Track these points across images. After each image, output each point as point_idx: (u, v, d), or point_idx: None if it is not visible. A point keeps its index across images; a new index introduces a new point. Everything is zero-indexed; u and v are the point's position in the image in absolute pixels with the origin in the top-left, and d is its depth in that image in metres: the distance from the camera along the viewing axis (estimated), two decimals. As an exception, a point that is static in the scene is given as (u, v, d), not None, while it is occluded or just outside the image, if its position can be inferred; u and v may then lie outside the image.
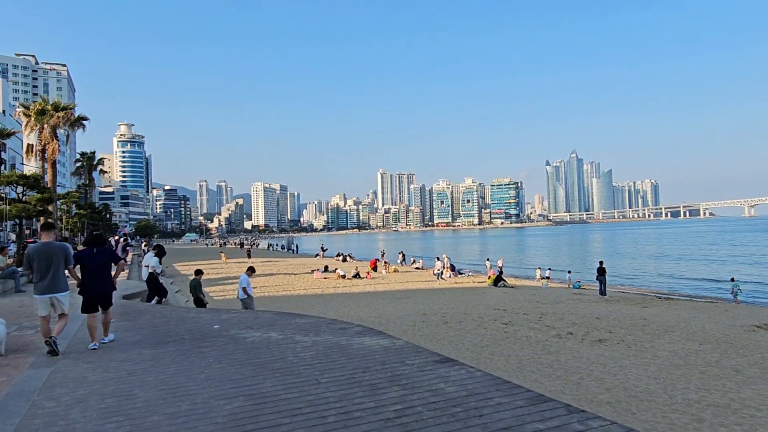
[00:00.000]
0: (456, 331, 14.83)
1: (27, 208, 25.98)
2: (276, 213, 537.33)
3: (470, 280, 34.17)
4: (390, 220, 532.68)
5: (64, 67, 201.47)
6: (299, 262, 51.18)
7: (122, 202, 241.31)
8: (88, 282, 7.95)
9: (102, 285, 8.03)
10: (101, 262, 8.03)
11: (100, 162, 68.86)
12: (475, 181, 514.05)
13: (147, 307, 11.96)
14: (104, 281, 8.08)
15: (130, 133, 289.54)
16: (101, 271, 8.04)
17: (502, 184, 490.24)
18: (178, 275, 36.45)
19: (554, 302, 22.16)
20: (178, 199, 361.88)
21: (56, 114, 33.02)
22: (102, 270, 8.05)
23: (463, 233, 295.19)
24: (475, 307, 20.41)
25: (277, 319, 9.57)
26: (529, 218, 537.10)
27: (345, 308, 20.15)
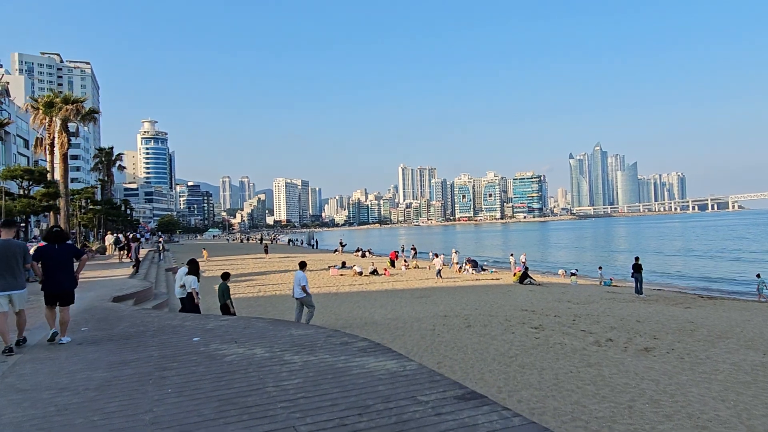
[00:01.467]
0: (480, 337, 13.27)
1: (32, 204, 25.17)
2: (298, 208, 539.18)
3: (493, 277, 32.44)
4: (411, 214, 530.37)
5: (88, 65, 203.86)
6: (317, 258, 49.96)
7: (146, 198, 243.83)
8: (49, 277, 7.90)
9: (63, 281, 7.96)
10: (62, 258, 8.01)
11: (119, 157, 68.44)
12: (497, 175, 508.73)
13: (129, 313, 10.65)
14: (65, 277, 8.00)
15: (153, 130, 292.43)
16: (62, 267, 7.99)
17: (525, 178, 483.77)
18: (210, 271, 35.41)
19: (587, 302, 20.40)
20: (201, 195, 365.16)
21: (65, 106, 32.21)
22: (63, 266, 8.01)
23: (485, 227, 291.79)
24: (501, 307, 18.79)
25: (269, 330, 8.13)
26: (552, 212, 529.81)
27: (359, 309, 18.71)
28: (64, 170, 33.92)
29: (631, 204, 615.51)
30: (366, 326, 15.29)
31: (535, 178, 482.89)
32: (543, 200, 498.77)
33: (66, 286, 7.98)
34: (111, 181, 66.56)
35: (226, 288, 13.21)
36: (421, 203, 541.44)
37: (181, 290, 12.79)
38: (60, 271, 7.97)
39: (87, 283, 17.66)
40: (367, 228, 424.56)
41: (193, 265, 12.98)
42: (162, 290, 20.21)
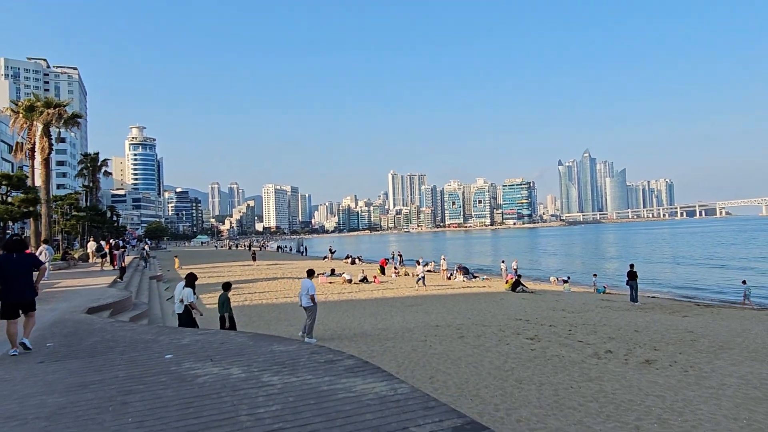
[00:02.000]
0: (474, 348, 12.70)
1: (10, 210, 24.31)
2: (287, 215, 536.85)
3: (485, 284, 31.94)
4: (401, 221, 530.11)
5: (75, 71, 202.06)
6: (306, 265, 49.11)
7: (134, 205, 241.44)
8: (7, 288, 7.80)
9: (22, 291, 7.91)
10: (21, 268, 7.93)
11: (104, 163, 67.38)
12: (486, 182, 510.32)
13: (102, 326, 9.97)
14: (24, 287, 7.95)
15: (141, 136, 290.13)
16: (21, 277, 7.91)
17: (514, 185, 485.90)
18: (177, 279, 34.56)
19: (582, 311, 19.93)
20: (189, 201, 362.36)
21: (46, 110, 31.35)
22: (22, 275, 7.93)
23: (475, 234, 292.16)
24: (494, 316, 18.26)
25: (249, 346, 7.51)
26: (541, 218, 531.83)
27: (348, 318, 18.09)
28: (46, 176, 33.00)
29: (620, 210, 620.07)
30: (355, 337, 14.68)
31: (524, 184, 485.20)
32: (532, 207, 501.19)
33: (26, 296, 7.97)
34: (96, 187, 65.41)
35: (226, 299, 12.61)
36: (411, 210, 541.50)
37: (180, 305, 12.31)
38: (19, 281, 7.90)
39: (63, 293, 16.91)
40: (357, 234, 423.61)
41: (190, 278, 12.50)
42: (143, 300, 19.46)
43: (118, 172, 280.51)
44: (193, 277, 12.60)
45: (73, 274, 25.37)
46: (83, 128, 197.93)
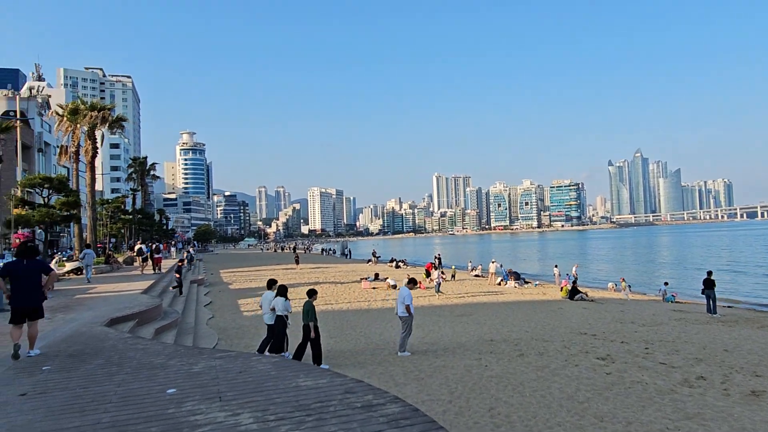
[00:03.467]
0: (537, 371, 10.98)
1: (51, 213, 24.12)
2: (332, 217, 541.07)
3: (538, 291, 29.85)
4: (446, 223, 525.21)
5: (129, 79, 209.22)
6: (349, 269, 48.11)
7: (185, 209, 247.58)
8: (17, 293, 7.90)
9: (31, 297, 7.95)
10: (30, 274, 7.98)
11: (152, 167, 68.50)
12: (533, 183, 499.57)
13: (114, 343, 8.83)
14: (33, 293, 8.00)
15: (192, 141, 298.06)
16: (30, 283, 7.97)
17: (562, 186, 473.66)
18: (219, 284, 33.98)
19: (654, 323, 17.77)
20: (237, 204, 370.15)
21: (90, 113, 31.43)
22: (31, 282, 7.99)
23: (521, 236, 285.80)
24: (555, 329, 16.39)
25: (270, 378, 6.13)
26: (591, 221, 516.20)
27: (392, 330, 16.58)
28: (91, 179, 33.10)
29: (674, 212, 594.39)
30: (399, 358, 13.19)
31: (572, 185, 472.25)
32: (581, 208, 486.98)
33: (34, 302, 7.98)
34: (145, 191, 66.46)
35: (311, 307, 11.46)
36: (455, 212, 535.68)
37: (271, 314, 11.66)
38: (29, 287, 7.96)
39: (93, 299, 16.14)
40: (401, 237, 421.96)
41: (281, 287, 11.91)
42: (178, 307, 18.56)
43: (170, 177, 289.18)
44: (283, 286, 12.01)
45: (112, 278, 24.94)
46: (136, 134, 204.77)
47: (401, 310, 12.67)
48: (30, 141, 66.13)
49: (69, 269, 27.10)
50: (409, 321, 12.70)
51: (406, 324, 12.67)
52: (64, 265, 27.57)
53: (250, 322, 18.21)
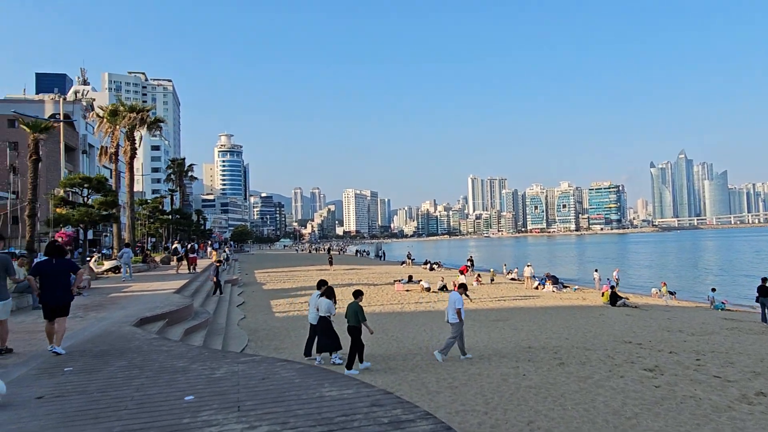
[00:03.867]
0: (579, 382, 10.33)
1: (90, 212, 24.57)
2: (367, 219, 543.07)
3: (578, 296, 28.84)
4: (481, 225, 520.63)
5: (170, 83, 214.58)
6: (383, 271, 47.77)
7: (222, 209, 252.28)
8: (45, 291, 8.19)
9: (59, 294, 8.22)
10: (59, 272, 8.29)
11: (190, 168, 69.84)
12: (571, 185, 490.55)
13: (140, 344, 8.66)
14: (61, 291, 8.27)
15: (229, 143, 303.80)
16: (58, 281, 8.26)
17: (602, 188, 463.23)
18: (253, 284, 34.11)
19: (704, 332, 16.75)
20: (273, 205, 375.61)
21: (129, 115, 32.05)
22: (59, 280, 8.27)
23: (558, 240, 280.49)
24: (597, 337, 15.60)
25: (293, 386, 5.76)
26: (631, 224, 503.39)
27: (425, 333, 16.12)
28: (130, 179, 33.73)
29: (720, 215, 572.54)
30: (433, 358, 12.71)
31: (612, 187, 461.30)
32: (622, 211, 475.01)
33: (62, 300, 8.25)
34: (182, 191, 67.74)
35: (358, 308, 11.23)
36: (491, 214, 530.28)
37: (315, 315, 11.59)
38: (56, 286, 8.24)
39: (126, 299, 16.21)
40: (436, 239, 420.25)
41: (328, 288, 11.80)
42: (210, 307, 18.52)
43: (208, 178, 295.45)
44: (330, 287, 11.89)
45: (148, 278, 25.22)
46: (176, 136, 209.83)
47: (452, 316, 12.36)
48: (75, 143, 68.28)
49: (107, 268, 27.58)
50: (458, 327, 12.35)
51: (455, 330, 12.37)
52: (103, 263, 28.08)
53: (281, 323, 18.02)
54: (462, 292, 13.09)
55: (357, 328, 11.10)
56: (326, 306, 11.41)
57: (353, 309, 11.24)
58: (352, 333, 11.13)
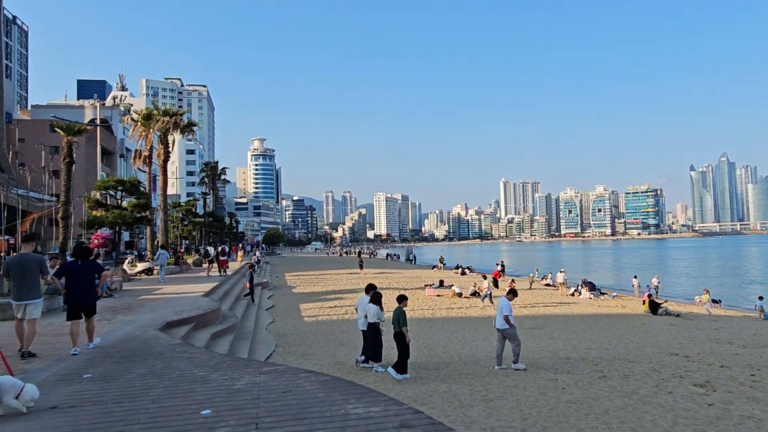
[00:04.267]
0: (624, 398, 9.65)
1: (123, 215, 24.86)
2: (397, 223, 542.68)
3: (617, 304, 27.76)
4: (513, 230, 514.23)
5: (205, 88, 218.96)
6: (414, 275, 47.23)
7: (255, 212, 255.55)
8: (70, 291, 8.44)
9: (84, 294, 8.45)
10: (84, 273, 8.54)
11: (223, 171, 70.79)
12: (607, 189, 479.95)
13: (162, 350, 8.42)
14: (86, 291, 8.51)
15: (262, 147, 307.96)
16: (84, 282, 8.49)
17: (639, 192, 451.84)
18: (283, 287, 34.05)
19: (757, 345, 15.72)
20: (305, 209, 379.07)
21: (162, 118, 32.45)
22: (84, 280, 8.50)
23: (593, 244, 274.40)
24: (640, 348, 14.77)
25: (316, 401, 5.35)
26: (670, 229, 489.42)
27: (457, 341, 15.58)
28: (164, 182, 34.12)
29: (765, 220, 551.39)
30: (465, 367, 12.19)
31: (650, 191, 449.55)
32: (660, 216, 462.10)
33: (87, 300, 8.50)
34: (215, 194, 68.67)
35: (401, 313, 11.10)
36: (523, 218, 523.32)
37: (364, 321, 11.63)
38: (81, 286, 8.47)
39: (155, 301, 16.16)
40: (467, 243, 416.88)
41: (375, 293, 11.75)
42: (238, 311, 18.37)
43: (241, 182, 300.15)
44: (378, 292, 11.86)
45: (179, 280, 25.32)
46: (210, 141, 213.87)
47: (500, 322, 12.02)
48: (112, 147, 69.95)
49: (140, 269, 27.87)
50: (513, 333, 11.98)
51: (512, 336, 11.98)
52: (136, 265, 28.40)
53: (309, 328, 17.72)
54: (511, 298, 12.62)
55: (402, 334, 10.92)
56: (374, 312, 11.34)
57: (395, 314, 11.10)
58: (398, 339, 10.97)
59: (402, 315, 11.02)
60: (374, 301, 11.49)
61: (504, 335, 12.06)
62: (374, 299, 11.54)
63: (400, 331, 10.90)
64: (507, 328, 11.91)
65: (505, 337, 12.07)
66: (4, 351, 8.00)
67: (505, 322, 11.87)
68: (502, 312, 11.98)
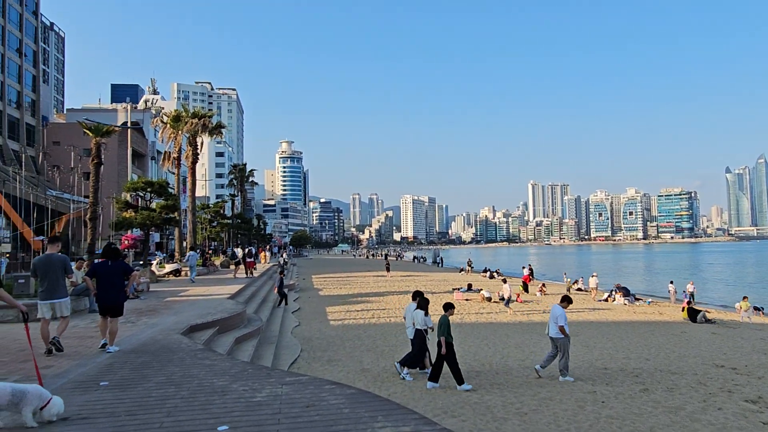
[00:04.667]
0: (669, 413, 9.00)
1: (151, 216, 24.97)
2: (424, 225, 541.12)
3: (653, 310, 26.72)
4: (542, 233, 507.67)
5: (234, 92, 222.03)
6: (441, 278, 46.61)
7: (282, 214, 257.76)
8: (100, 291, 8.65)
9: (112, 295, 8.60)
10: (112, 274, 8.69)
11: (251, 173, 71.32)
12: (638, 191, 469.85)
13: (183, 356, 8.15)
14: (115, 291, 8.65)
15: (290, 150, 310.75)
16: (112, 282, 8.65)
17: (672, 194, 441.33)
18: (309, 289, 33.87)
19: (809, 357, 14.75)
20: (332, 211, 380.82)
21: (191, 120, 32.65)
22: (113, 281, 8.67)
23: (624, 248, 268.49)
24: (682, 359, 13.99)
25: (342, 417, 4.96)
26: (705, 232, 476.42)
27: (488, 349, 15.03)
28: (192, 184, 34.31)
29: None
30: (497, 376, 11.67)
31: (684, 194, 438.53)
32: (694, 219, 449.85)
33: (115, 300, 8.63)
34: (244, 196, 69.18)
35: (446, 322, 10.66)
36: (552, 221, 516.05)
37: (412, 329, 11.24)
38: (111, 287, 8.65)
39: (180, 303, 16.03)
40: (494, 246, 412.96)
41: (422, 299, 11.28)
42: (264, 314, 18.15)
43: (269, 184, 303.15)
44: (424, 298, 11.39)
45: (206, 281, 25.31)
46: (240, 143, 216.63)
47: (554, 331, 11.41)
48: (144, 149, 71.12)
49: (168, 271, 27.99)
50: (565, 343, 11.35)
51: (563, 346, 11.36)
52: (164, 266, 28.54)
53: (336, 332, 17.38)
54: (566, 306, 11.84)
55: (449, 343, 10.44)
56: (422, 319, 10.94)
57: (442, 323, 10.65)
58: (439, 348, 10.47)
59: (445, 324, 10.53)
60: (421, 307, 11.06)
61: (556, 345, 11.41)
62: (421, 305, 11.11)
63: (448, 341, 10.42)
64: (561, 338, 11.29)
65: (557, 348, 11.42)
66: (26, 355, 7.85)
67: (560, 332, 11.25)
68: (557, 321, 11.32)
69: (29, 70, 66.34)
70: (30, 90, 66.15)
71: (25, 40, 65.40)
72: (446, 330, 10.46)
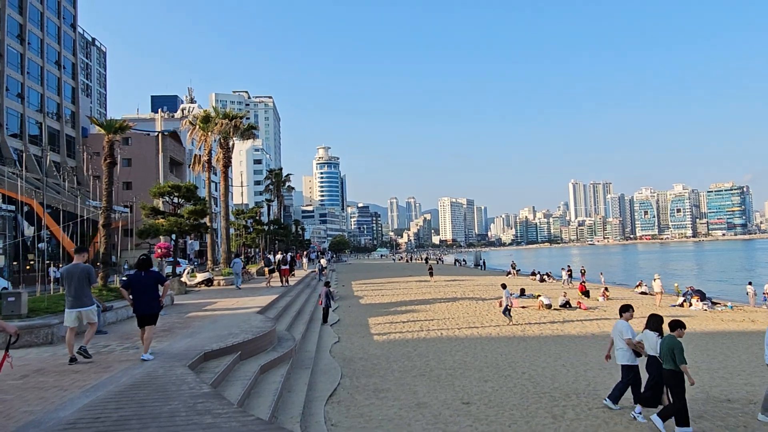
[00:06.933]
0: None
1: (180, 222, 23.35)
2: (463, 227, 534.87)
3: (741, 317, 23.36)
4: (584, 233, 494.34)
5: (270, 99, 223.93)
6: (487, 282, 43.75)
7: (321, 220, 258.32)
8: (135, 301, 8.93)
9: (146, 304, 8.87)
10: (147, 284, 8.93)
11: (287, 178, 70.04)
12: (686, 188, 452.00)
13: (173, 410, 5.89)
14: (148, 301, 8.90)
15: (327, 156, 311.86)
16: (146, 292, 8.90)
17: (722, 190, 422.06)
18: (349, 297, 31.70)
19: None
20: (370, 215, 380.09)
21: (221, 121, 31.07)
22: (146, 291, 8.91)
23: (672, 247, 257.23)
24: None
25: None
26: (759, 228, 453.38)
27: (564, 369, 12.40)
28: (225, 188, 32.73)
29: None
30: (590, 412, 9.09)
31: (735, 189, 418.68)
32: (747, 215, 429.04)
33: (146, 309, 8.86)
34: (281, 201, 67.89)
35: (675, 344, 7.84)
36: (595, 221, 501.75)
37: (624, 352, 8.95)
38: (145, 296, 8.89)
39: (203, 319, 14.01)
40: (536, 248, 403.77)
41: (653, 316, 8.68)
42: (298, 330, 15.98)
43: (307, 190, 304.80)
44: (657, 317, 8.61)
45: (236, 292, 23.42)
46: (277, 150, 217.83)
47: (622, 356, 9.11)
48: (181, 157, 70.83)
49: (200, 280, 26.33)
50: (630, 372, 8.98)
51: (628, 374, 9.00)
52: (195, 276, 26.91)
53: (380, 350, 15.04)
54: (628, 318, 9.27)
55: (676, 374, 7.74)
56: (655, 341, 8.32)
57: (668, 345, 7.89)
58: (669, 380, 7.84)
59: (677, 347, 7.78)
60: (651, 328, 8.50)
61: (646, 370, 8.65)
62: (651, 325, 8.53)
63: (674, 369, 7.74)
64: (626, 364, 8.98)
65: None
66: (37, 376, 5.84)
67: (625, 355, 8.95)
68: (621, 336, 8.97)
69: (68, 82, 66.85)
70: (69, 102, 66.66)
71: (64, 52, 65.94)
72: (681, 355, 7.76)
